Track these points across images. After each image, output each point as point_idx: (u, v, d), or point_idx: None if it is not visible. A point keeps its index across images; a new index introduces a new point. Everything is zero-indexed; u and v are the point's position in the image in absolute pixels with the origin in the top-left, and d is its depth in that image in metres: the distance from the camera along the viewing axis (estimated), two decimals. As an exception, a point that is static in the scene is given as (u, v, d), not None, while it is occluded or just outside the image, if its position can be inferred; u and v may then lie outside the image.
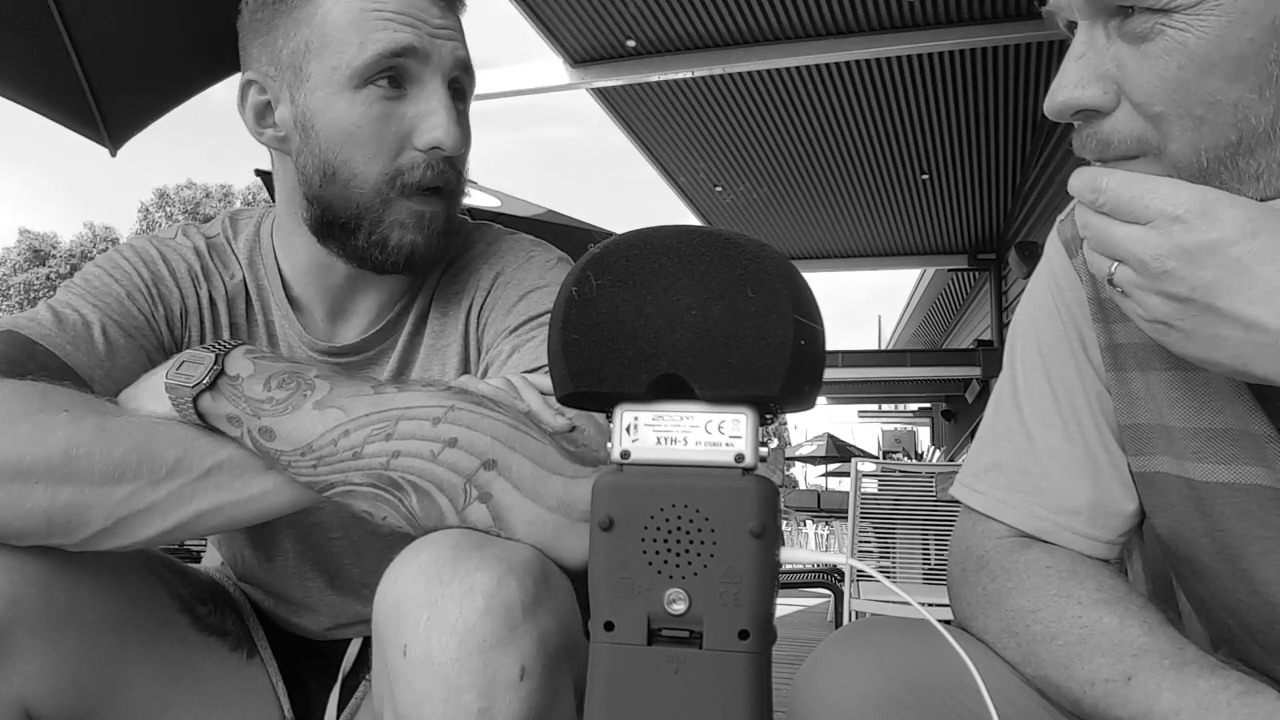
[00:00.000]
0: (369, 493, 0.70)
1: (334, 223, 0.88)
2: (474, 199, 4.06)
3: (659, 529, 0.43)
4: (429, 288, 0.96)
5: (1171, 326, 0.58)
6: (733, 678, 0.41)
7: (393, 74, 0.85)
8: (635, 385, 0.44)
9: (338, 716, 0.95)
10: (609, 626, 0.43)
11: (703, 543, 0.43)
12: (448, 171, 0.88)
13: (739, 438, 0.44)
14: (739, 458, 0.43)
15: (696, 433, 0.44)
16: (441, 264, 0.96)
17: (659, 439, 0.44)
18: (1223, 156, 0.60)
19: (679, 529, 0.43)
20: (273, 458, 0.71)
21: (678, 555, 0.43)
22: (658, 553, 0.43)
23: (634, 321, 0.44)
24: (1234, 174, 0.60)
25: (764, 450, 0.45)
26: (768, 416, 0.46)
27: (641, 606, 0.43)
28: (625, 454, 0.45)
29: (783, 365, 0.42)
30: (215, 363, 0.72)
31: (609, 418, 0.46)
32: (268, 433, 0.70)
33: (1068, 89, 0.63)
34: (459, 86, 0.90)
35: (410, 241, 0.87)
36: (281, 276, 0.96)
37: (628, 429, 0.45)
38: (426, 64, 0.86)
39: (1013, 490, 0.76)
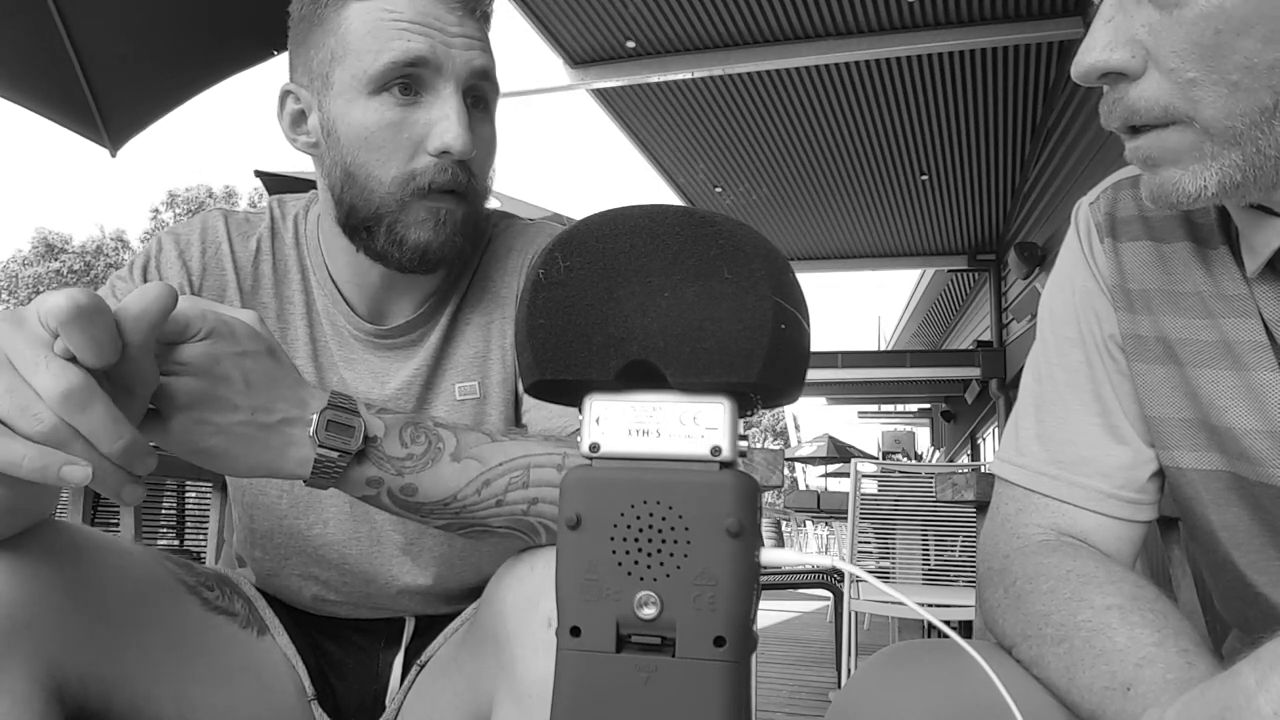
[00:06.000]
0: (504, 533, 0.77)
1: (357, 224, 0.91)
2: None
3: (629, 527, 0.40)
4: (466, 277, 1.00)
5: None
6: (707, 688, 0.38)
7: (406, 81, 0.88)
8: (604, 373, 0.41)
9: (400, 684, 0.99)
10: (575, 632, 0.40)
11: (675, 542, 0.39)
12: (460, 175, 0.90)
13: (715, 429, 0.40)
14: (715, 450, 0.40)
15: (670, 424, 0.41)
16: (475, 257, 1.01)
17: (630, 431, 0.41)
18: (1258, 121, 0.58)
19: (650, 527, 0.40)
20: (411, 510, 0.74)
21: (649, 555, 0.40)
22: (628, 553, 0.40)
23: (603, 305, 0.41)
24: (1269, 138, 0.58)
25: (744, 444, 0.42)
26: (748, 410, 0.43)
27: (610, 610, 0.40)
28: (594, 447, 0.42)
29: (761, 350, 0.39)
30: (363, 428, 0.71)
31: (579, 409, 0.43)
32: (410, 489, 0.73)
33: (1096, 51, 0.61)
34: (479, 94, 0.92)
35: (426, 240, 0.89)
36: (326, 268, 0.99)
37: (597, 420, 0.42)
38: (440, 71, 0.88)
39: (1053, 462, 0.77)
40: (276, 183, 4.35)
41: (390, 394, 0.96)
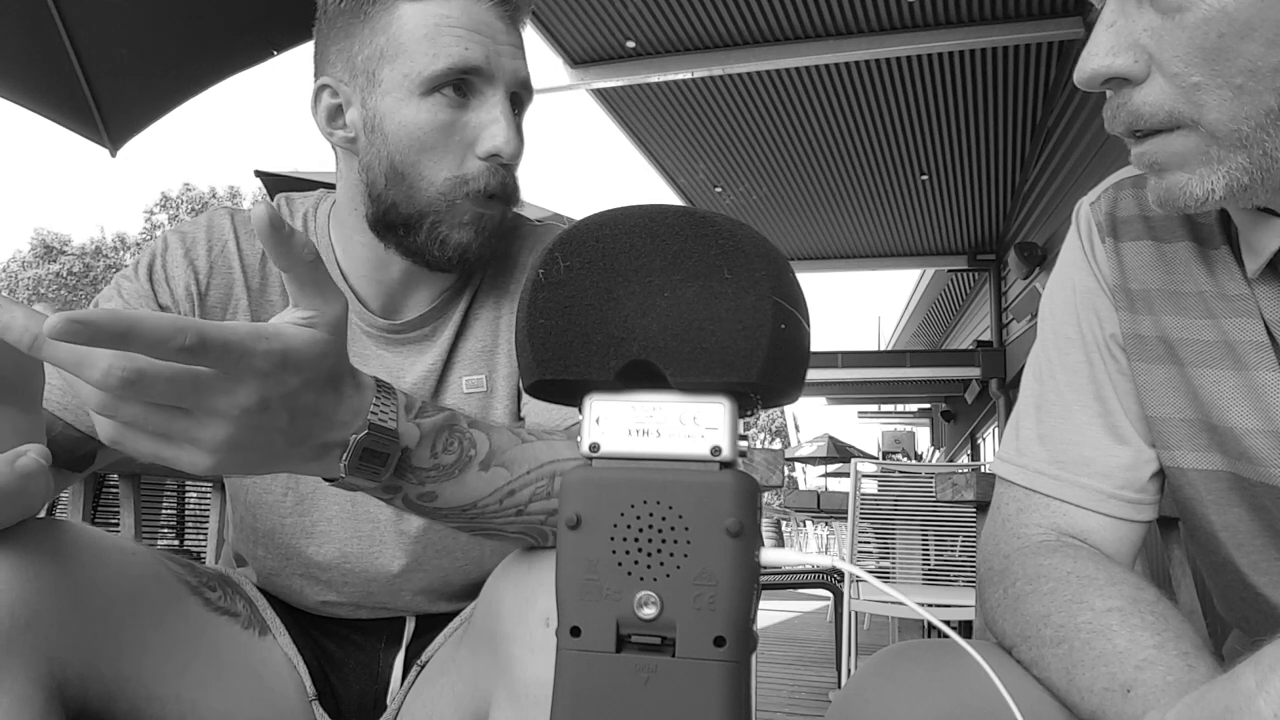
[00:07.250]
0: (516, 538, 0.75)
1: (396, 221, 0.92)
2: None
3: (629, 527, 0.40)
4: (479, 273, 1.02)
5: None
6: (707, 688, 0.38)
7: (460, 84, 0.90)
8: (604, 373, 0.41)
9: (401, 684, 0.99)
10: (575, 632, 0.40)
11: (675, 542, 0.39)
12: (506, 178, 0.93)
13: (715, 429, 0.40)
14: (715, 450, 0.40)
15: (670, 424, 0.41)
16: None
17: (630, 431, 0.41)
18: (1263, 124, 0.58)
19: (650, 527, 0.40)
20: (424, 513, 0.71)
21: (649, 555, 0.40)
22: (627, 553, 0.40)
23: (603, 305, 0.41)
24: (1275, 141, 0.58)
25: (744, 444, 0.42)
26: (748, 410, 0.43)
27: (610, 610, 0.40)
28: (594, 447, 0.42)
29: (761, 350, 0.39)
30: (398, 454, 0.65)
31: (579, 409, 0.43)
32: (429, 496, 0.70)
33: (1099, 57, 0.61)
34: (518, 101, 0.95)
35: (468, 241, 0.92)
36: (337, 264, 0.99)
37: (597, 420, 0.42)
38: (491, 79, 0.91)
39: (1054, 462, 0.77)
40: (276, 183, 4.35)
41: (405, 389, 0.96)
